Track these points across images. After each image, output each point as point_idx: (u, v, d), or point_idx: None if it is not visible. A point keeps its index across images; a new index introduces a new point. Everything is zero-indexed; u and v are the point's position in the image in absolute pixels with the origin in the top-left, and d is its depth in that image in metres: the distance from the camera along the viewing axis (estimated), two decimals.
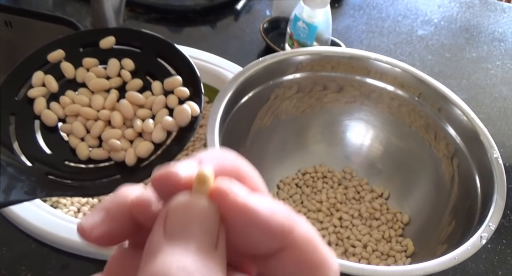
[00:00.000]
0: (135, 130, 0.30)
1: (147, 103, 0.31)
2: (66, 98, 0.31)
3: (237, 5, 0.84)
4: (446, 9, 0.93)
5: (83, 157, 0.29)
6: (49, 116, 0.30)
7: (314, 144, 0.59)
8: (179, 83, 0.31)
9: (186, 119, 0.29)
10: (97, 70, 0.32)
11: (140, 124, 0.30)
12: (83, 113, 0.30)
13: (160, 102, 0.30)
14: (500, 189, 0.42)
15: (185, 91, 0.30)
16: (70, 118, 0.30)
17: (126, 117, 0.30)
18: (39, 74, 0.31)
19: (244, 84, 0.48)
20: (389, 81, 0.53)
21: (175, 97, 0.30)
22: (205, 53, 0.68)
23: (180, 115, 0.29)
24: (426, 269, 0.36)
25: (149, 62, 0.32)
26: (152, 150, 0.29)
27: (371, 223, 0.54)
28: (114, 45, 0.33)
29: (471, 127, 0.48)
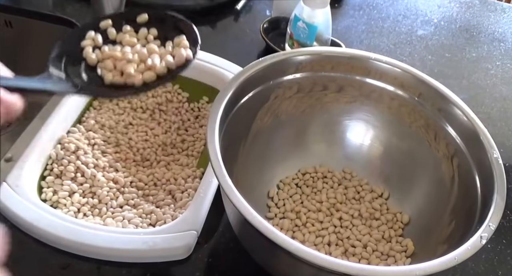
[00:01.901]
0: (146, 65, 0.40)
1: (158, 52, 0.41)
2: (106, 48, 0.41)
3: (237, 5, 0.84)
4: (446, 9, 0.93)
5: (108, 80, 0.39)
6: (92, 57, 0.40)
7: (314, 144, 0.59)
8: (183, 39, 0.42)
9: (181, 59, 0.40)
10: (131, 34, 0.43)
11: (150, 61, 0.40)
12: (114, 55, 0.41)
13: (167, 51, 0.41)
14: (500, 189, 0.42)
15: (185, 43, 0.41)
16: (105, 59, 0.41)
17: (142, 59, 0.40)
18: (91, 32, 0.42)
19: (244, 84, 0.48)
20: (389, 81, 0.53)
21: (179, 48, 0.41)
22: (205, 53, 0.68)
23: (177, 56, 0.40)
24: (426, 269, 0.36)
25: (168, 30, 0.43)
26: (155, 78, 0.40)
27: (371, 223, 0.54)
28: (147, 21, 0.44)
29: (471, 127, 0.48)
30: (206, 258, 0.50)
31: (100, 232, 0.48)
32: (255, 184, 0.55)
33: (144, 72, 0.40)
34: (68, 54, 0.41)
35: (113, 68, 0.40)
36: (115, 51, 0.41)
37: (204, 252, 0.50)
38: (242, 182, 0.45)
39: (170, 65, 0.40)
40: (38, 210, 0.49)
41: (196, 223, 0.50)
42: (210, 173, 0.54)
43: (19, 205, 0.49)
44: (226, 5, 0.84)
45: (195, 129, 0.64)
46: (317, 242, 0.52)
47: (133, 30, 0.44)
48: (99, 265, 0.48)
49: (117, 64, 0.41)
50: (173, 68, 0.40)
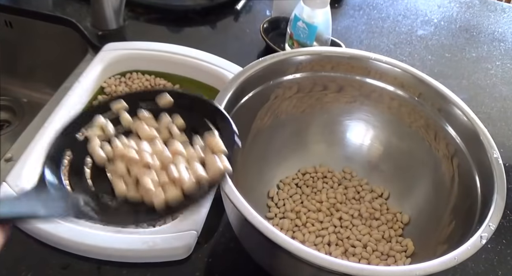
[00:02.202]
0: (170, 177, 0.32)
1: (185, 154, 0.34)
2: (118, 142, 0.34)
3: (237, 5, 0.84)
4: (446, 9, 0.93)
5: (120, 194, 0.32)
6: (99, 156, 0.33)
7: (314, 144, 0.59)
8: (216, 139, 0.34)
9: (217, 175, 0.32)
10: (150, 122, 0.36)
11: (175, 172, 0.32)
12: (128, 156, 0.33)
13: (196, 155, 0.34)
14: (500, 189, 0.42)
15: (221, 147, 0.34)
16: (117, 159, 0.34)
17: (164, 164, 0.33)
18: (100, 118, 0.35)
19: (244, 84, 0.48)
20: (389, 81, 0.53)
21: (211, 153, 0.34)
22: (205, 53, 0.68)
23: (211, 169, 0.32)
24: (426, 269, 0.36)
25: (196, 120, 0.36)
26: (181, 198, 0.32)
27: (371, 223, 0.54)
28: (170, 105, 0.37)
29: (471, 127, 0.48)
30: (206, 258, 0.50)
31: (100, 232, 0.48)
32: (255, 184, 0.55)
33: (167, 188, 0.32)
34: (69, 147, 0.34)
35: (126, 173, 0.33)
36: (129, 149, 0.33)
37: (204, 252, 0.50)
38: (242, 182, 0.45)
39: (201, 180, 0.32)
40: None
41: (196, 223, 0.50)
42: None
43: None
44: (226, 5, 0.84)
45: None
46: (317, 242, 0.52)
47: (152, 117, 0.36)
48: (99, 265, 0.48)
49: (131, 167, 0.33)
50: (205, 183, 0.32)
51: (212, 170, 0.32)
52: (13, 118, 0.84)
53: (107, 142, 0.35)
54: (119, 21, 0.77)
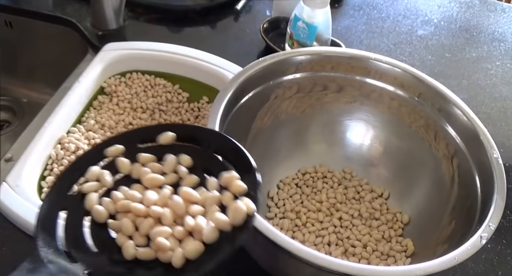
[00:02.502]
0: (186, 228, 0.28)
1: (200, 199, 0.29)
2: (118, 194, 0.30)
3: (237, 5, 0.84)
4: (446, 9, 0.93)
5: (129, 256, 0.28)
6: (99, 212, 0.29)
7: (314, 144, 0.59)
8: (235, 178, 0.30)
9: (241, 218, 0.28)
10: (153, 166, 0.31)
11: (190, 221, 0.28)
12: (133, 209, 0.29)
13: (213, 198, 0.29)
14: (500, 189, 0.42)
15: (241, 187, 0.29)
16: (120, 214, 0.29)
17: (177, 214, 0.29)
18: (95, 169, 0.31)
19: (244, 84, 0.48)
20: (389, 81, 0.53)
21: (230, 194, 0.29)
22: (205, 53, 0.68)
23: (234, 214, 0.28)
24: (426, 269, 0.36)
25: (206, 157, 0.31)
26: (202, 251, 0.27)
27: (371, 223, 0.54)
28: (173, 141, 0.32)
29: (471, 127, 0.48)
30: None
31: None
32: None
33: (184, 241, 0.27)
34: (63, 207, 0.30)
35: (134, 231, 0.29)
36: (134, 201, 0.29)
37: None
38: None
39: (223, 228, 0.27)
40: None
41: None
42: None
43: (19, 205, 0.49)
44: (226, 5, 0.84)
45: None
46: (317, 242, 0.52)
47: (154, 158, 0.31)
48: None
49: (139, 222, 0.29)
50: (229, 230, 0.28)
51: (235, 214, 0.28)
52: (13, 118, 0.84)
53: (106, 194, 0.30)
54: (119, 21, 0.77)
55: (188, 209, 0.29)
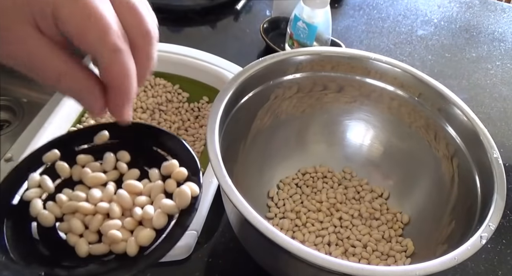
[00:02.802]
0: (135, 218, 0.29)
1: (145, 190, 0.30)
2: (62, 197, 0.30)
3: (237, 5, 0.84)
4: (446, 9, 0.93)
5: (83, 254, 0.28)
6: (45, 217, 0.29)
7: (314, 144, 0.59)
8: (176, 166, 0.31)
9: (186, 201, 0.29)
10: (93, 165, 0.32)
11: (139, 211, 0.29)
12: (80, 209, 0.29)
13: (158, 187, 0.30)
14: (500, 189, 0.42)
15: (183, 172, 0.30)
16: (67, 216, 0.30)
17: (124, 207, 0.29)
18: (34, 175, 0.31)
19: (244, 84, 0.48)
20: (389, 81, 0.53)
21: (173, 180, 0.30)
22: (205, 53, 0.68)
23: (180, 198, 0.29)
24: (426, 269, 0.36)
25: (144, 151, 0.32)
26: (154, 237, 0.29)
27: (371, 223, 0.54)
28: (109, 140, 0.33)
29: (471, 127, 0.48)
30: (206, 258, 0.50)
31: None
32: (255, 184, 0.55)
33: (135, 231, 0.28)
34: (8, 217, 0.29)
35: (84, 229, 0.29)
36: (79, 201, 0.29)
37: (204, 252, 0.50)
38: (242, 182, 0.45)
39: (171, 212, 0.29)
40: None
41: (196, 223, 0.50)
42: (210, 173, 0.54)
43: None
44: (226, 5, 0.84)
45: (195, 129, 0.64)
46: (317, 242, 0.52)
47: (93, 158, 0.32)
48: None
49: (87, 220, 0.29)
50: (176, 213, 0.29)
51: (180, 197, 0.29)
52: (13, 118, 0.84)
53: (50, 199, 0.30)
54: None
55: (134, 201, 0.29)
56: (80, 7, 0.25)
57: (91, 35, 0.26)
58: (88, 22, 0.25)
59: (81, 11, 0.25)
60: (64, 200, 0.30)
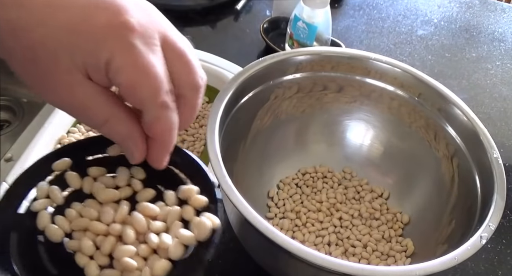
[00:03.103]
0: (150, 246, 0.27)
1: (161, 215, 0.29)
2: (73, 211, 0.28)
3: (237, 5, 0.84)
4: (446, 9, 0.93)
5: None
6: (54, 232, 0.28)
7: (314, 144, 0.59)
8: (195, 192, 0.29)
9: (206, 234, 0.27)
10: (105, 179, 0.30)
11: (155, 239, 0.27)
12: (92, 228, 0.28)
13: (175, 213, 0.28)
14: (500, 189, 0.42)
15: (201, 200, 0.29)
16: (77, 233, 0.28)
17: (139, 231, 0.28)
18: (43, 185, 0.29)
19: (244, 84, 0.48)
20: (389, 81, 0.53)
21: (190, 208, 0.29)
22: (205, 53, 0.68)
23: (199, 230, 0.27)
24: (426, 269, 0.36)
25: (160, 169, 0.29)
26: (170, 269, 0.27)
27: (371, 223, 0.54)
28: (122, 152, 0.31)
29: (471, 127, 0.48)
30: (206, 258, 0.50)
31: None
32: (255, 184, 0.55)
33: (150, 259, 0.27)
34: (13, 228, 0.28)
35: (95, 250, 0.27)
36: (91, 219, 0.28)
37: None
38: (242, 182, 0.45)
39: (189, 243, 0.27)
40: None
41: None
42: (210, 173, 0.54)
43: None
44: (226, 5, 0.84)
45: (195, 129, 0.64)
46: (317, 242, 0.52)
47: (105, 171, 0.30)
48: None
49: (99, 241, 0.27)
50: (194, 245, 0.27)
51: (200, 229, 0.27)
52: (13, 118, 0.84)
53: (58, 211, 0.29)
54: None
55: (149, 226, 0.28)
56: (133, 60, 0.25)
57: (142, 91, 0.25)
58: (141, 77, 0.25)
59: (134, 64, 0.25)
60: (74, 215, 0.28)
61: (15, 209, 0.29)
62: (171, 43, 0.27)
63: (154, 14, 0.28)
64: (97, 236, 0.28)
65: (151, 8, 0.28)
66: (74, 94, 0.25)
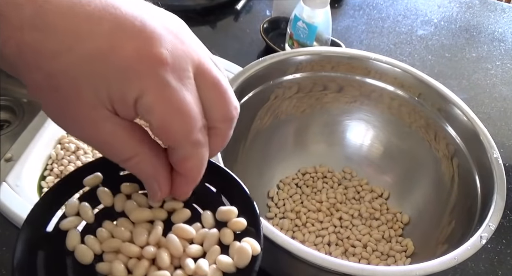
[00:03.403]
0: (186, 272, 0.25)
1: (197, 237, 0.27)
2: (104, 231, 0.27)
3: (237, 5, 0.84)
4: (446, 9, 0.93)
5: None
6: (83, 253, 0.26)
7: (314, 144, 0.59)
8: (235, 214, 0.27)
9: (246, 261, 0.25)
10: (139, 197, 0.28)
11: (191, 265, 0.25)
12: (124, 250, 0.26)
13: (212, 237, 0.27)
14: (500, 189, 0.42)
15: (241, 223, 0.27)
16: (108, 255, 0.26)
17: (174, 255, 0.26)
18: (73, 201, 0.28)
19: (244, 84, 0.48)
20: (389, 81, 0.53)
21: (230, 231, 0.27)
22: None
23: (239, 256, 0.25)
24: (426, 269, 0.36)
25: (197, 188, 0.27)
26: None
27: (371, 223, 0.54)
28: None
29: (471, 127, 0.48)
30: None
31: None
32: (255, 184, 0.55)
33: None
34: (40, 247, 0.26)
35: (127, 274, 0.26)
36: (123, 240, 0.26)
37: None
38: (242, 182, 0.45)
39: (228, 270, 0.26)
40: None
41: None
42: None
43: (19, 205, 0.49)
44: (226, 5, 0.84)
45: None
46: (317, 242, 0.52)
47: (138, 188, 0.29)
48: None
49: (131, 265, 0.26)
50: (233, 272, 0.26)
51: (241, 256, 0.26)
52: (13, 118, 0.84)
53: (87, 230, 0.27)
54: None
55: (185, 249, 0.26)
56: (166, 98, 0.23)
57: (175, 131, 0.24)
58: (174, 116, 0.23)
59: (167, 102, 0.23)
60: (105, 235, 0.27)
61: (43, 227, 0.27)
62: (204, 72, 0.25)
63: (186, 39, 0.25)
64: (129, 259, 0.26)
65: (183, 32, 0.25)
66: (97, 131, 0.24)
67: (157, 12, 0.24)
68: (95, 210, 0.28)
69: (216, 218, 0.28)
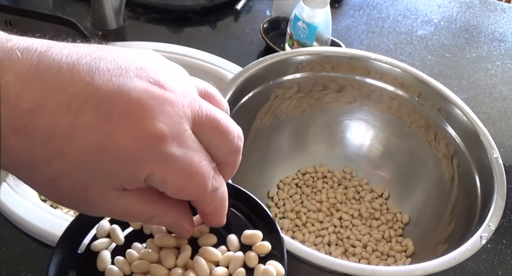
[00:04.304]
0: None
1: (223, 260, 0.28)
2: (133, 253, 0.28)
3: (237, 5, 0.84)
4: (446, 9, 0.93)
5: None
6: (114, 274, 0.27)
7: (314, 144, 0.59)
8: (260, 238, 0.28)
9: None
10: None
11: None
12: (153, 271, 0.27)
13: (238, 260, 0.28)
14: (500, 189, 0.42)
15: (266, 247, 0.28)
16: (136, 275, 0.27)
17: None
18: (104, 223, 0.29)
19: (244, 84, 0.48)
20: (389, 81, 0.53)
21: (255, 254, 0.28)
22: (205, 53, 0.68)
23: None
24: (426, 269, 0.36)
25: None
26: None
27: (371, 223, 0.54)
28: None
29: (471, 127, 0.48)
30: None
31: None
32: (255, 184, 0.55)
33: None
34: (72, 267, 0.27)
35: None
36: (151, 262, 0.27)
37: None
38: (242, 182, 0.45)
39: None
40: (38, 210, 0.49)
41: None
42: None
43: (19, 205, 0.49)
44: (226, 5, 0.84)
45: None
46: (317, 242, 0.52)
47: None
48: None
49: None
50: None
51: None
52: None
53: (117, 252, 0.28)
54: (119, 21, 0.77)
55: (211, 271, 0.27)
56: (175, 168, 0.23)
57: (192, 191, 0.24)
58: (187, 181, 0.23)
59: (177, 172, 0.23)
60: (134, 257, 0.28)
61: (74, 248, 0.28)
62: (200, 120, 0.24)
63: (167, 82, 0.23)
64: None
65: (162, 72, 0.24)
66: (111, 209, 0.24)
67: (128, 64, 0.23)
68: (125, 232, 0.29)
69: (241, 241, 0.29)
